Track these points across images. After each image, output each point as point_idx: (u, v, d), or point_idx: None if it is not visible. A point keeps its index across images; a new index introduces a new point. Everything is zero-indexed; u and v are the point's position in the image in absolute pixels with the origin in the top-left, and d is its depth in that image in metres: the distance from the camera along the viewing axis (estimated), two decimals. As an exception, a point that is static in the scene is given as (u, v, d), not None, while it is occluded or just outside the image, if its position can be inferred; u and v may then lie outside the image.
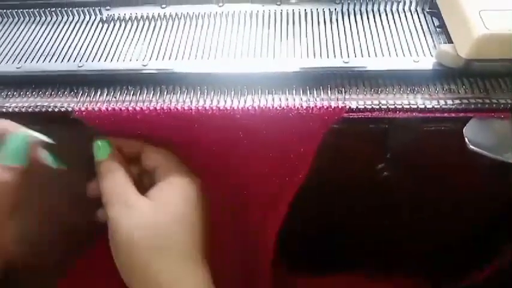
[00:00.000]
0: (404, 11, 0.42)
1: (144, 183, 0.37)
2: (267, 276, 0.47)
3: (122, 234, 0.33)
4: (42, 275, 0.59)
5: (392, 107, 0.36)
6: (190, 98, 0.37)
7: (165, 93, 0.38)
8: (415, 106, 0.36)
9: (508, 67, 0.36)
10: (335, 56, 0.38)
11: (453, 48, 0.36)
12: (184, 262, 0.33)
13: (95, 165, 0.36)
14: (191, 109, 0.36)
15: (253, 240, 0.45)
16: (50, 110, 0.37)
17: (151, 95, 0.38)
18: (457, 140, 0.35)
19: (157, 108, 0.36)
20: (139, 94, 0.38)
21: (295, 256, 0.54)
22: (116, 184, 0.34)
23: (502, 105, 0.35)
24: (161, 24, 0.43)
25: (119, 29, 0.42)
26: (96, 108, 0.36)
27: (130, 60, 0.39)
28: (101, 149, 0.35)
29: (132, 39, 0.41)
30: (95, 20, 0.43)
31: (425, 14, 0.42)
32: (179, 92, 0.38)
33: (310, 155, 0.38)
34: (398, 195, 0.44)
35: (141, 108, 0.36)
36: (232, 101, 0.37)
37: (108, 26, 0.43)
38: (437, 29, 0.40)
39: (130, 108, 0.36)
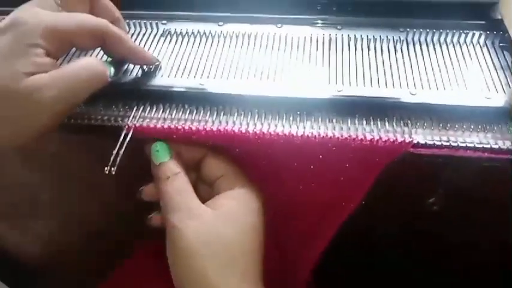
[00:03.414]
0: (472, 43, 0.40)
1: (200, 192, 0.35)
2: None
3: (185, 242, 0.31)
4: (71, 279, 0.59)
5: (463, 145, 0.34)
6: (247, 120, 0.36)
7: (222, 114, 0.36)
8: (488, 146, 0.33)
9: None
10: (401, 87, 0.37)
11: (530, 88, 0.34)
12: (244, 283, 0.31)
13: (152, 168, 0.34)
14: (248, 132, 0.34)
15: (293, 261, 0.43)
16: (104, 124, 0.36)
17: (208, 115, 0.36)
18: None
19: (214, 129, 0.34)
20: (196, 113, 0.36)
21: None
22: (178, 189, 0.33)
23: None
24: (218, 41, 0.42)
25: (175, 44, 0.41)
26: (151, 125, 0.35)
27: (188, 77, 0.38)
28: (160, 151, 0.34)
29: (189, 56, 0.40)
30: (151, 33, 0.43)
31: (496, 48, 0.39)
32: (236, 113, 0.36)
33: (366, 185, 0.36)
34: (457, 236, 0.42)
35: (197, 128, 0.34)
36: (290, 126, 0.35)
37: (165, 40, 0.42)
38: (510, 66, 0.38)
39: (186, 127, 0.35)
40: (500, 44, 0.39)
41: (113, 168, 0.32)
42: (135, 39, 0.42)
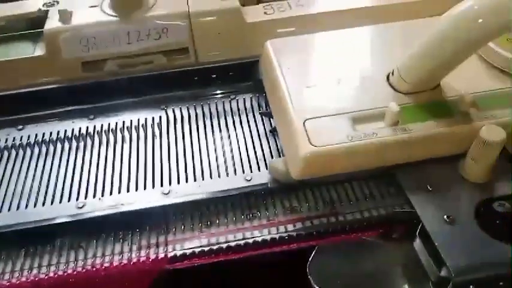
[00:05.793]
0: (239, 110, 0.37)
1: None
2: None
3: None
4: None
5: (225, 246, 0.29)
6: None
7: None
8: (251, 240, 0.29)
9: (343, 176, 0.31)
10: (153, 187, 0.32)
11: (284, 163, 0.31)
12: None
13: None
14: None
15: None
16: None
17: None
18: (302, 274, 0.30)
19: None
20: None
21: None
22: None
23: (350, 221, 0.30)
24: None
25: None
26: None
27: None
28: None
29: None
30: None
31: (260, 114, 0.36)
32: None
33: None
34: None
35: None
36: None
37: None
38: (273, 133, 0.35)
39: None
40: (261, 111, 0.36)
41: None
42: None
